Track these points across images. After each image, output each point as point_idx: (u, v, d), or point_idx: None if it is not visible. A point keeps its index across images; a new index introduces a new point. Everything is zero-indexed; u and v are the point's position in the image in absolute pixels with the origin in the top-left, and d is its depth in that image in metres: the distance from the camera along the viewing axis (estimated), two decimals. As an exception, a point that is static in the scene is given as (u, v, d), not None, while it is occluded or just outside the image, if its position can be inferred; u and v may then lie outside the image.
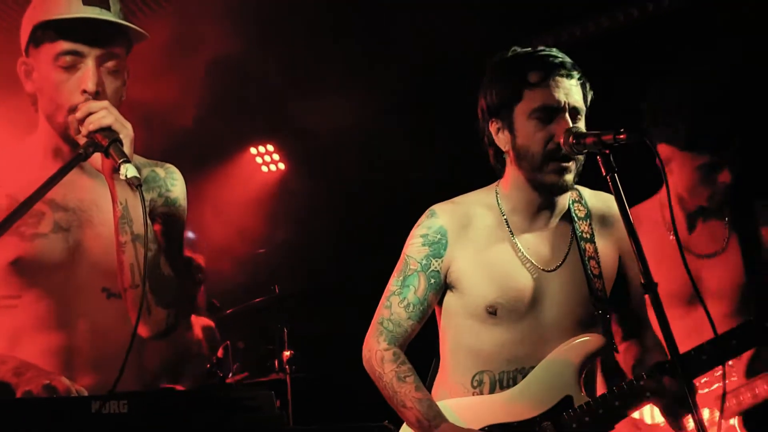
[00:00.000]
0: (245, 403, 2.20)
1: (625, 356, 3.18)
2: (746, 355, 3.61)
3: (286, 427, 2.21)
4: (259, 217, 7.76)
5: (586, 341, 3.02)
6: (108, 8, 2.67)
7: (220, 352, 6.00)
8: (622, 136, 2.67)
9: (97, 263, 2.72)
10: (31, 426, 1.94)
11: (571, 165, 2.95)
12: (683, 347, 2.89)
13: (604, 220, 3.15)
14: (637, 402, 2.93)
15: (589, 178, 3.00)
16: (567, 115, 2.95)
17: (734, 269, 3.78)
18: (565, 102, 2.96)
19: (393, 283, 3.13)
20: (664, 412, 2.93)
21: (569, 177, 2.97)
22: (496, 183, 3.18)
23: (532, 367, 3.02)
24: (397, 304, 3.09)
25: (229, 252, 7.36)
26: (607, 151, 2.70)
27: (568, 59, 3.04)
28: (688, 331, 3.39)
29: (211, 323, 6.55)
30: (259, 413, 2.19)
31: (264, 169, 8.47)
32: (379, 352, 3.06)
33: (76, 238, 2.73)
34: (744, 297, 3.76)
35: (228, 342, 6.12)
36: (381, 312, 3.12)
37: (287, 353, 5.94)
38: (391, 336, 3.07)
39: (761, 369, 3.64)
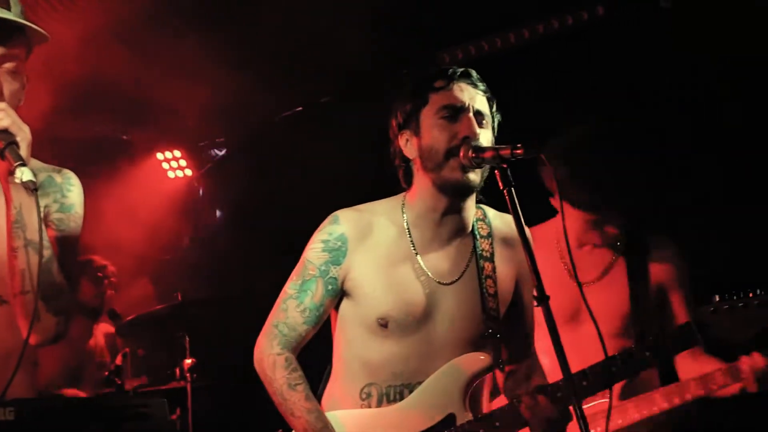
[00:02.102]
0: (137, 411, 2.19)
1: (507, 380, 3.21)
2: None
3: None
4: (164, 224, 7.68)
5: (474, 359, 3.05)
6: (8, 8, 2.64)
7: (119, 359, 5.92)
8: (519, 151, 2.75)
9: None
10: None
11: (473, 164, 2.96)
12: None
13: (506, 242, 3.18)
14: (517, 423, 2.96)
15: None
16: (471, 115, 3.01)
17: (617, 294, 3.89)
18: (469, 104, 3.02)
19: (290, 287, 3.12)
20: None
21: (473, 176, 2.99)
22: (403, 194, 3.20)
23: (419, 383, 3.04)
24: (294, 308, 3.08)
25: (133, 259, 7.27)
26: (505, 166, 2.76)
27: (474, 72, 3.12)
28: (570, 347, 3.46)
29: (112, 329, 6.47)
30: (151, 421, 2.18)
31: (171, 174, 8.37)
32: (271, 356, 3.05)
33: None
34: (625, 322, 3.87)
35: (127, 349, 6.04)
36: (276, 315, 3.11)
37: (188, 361, 5.87)
38: (285, 340, 3.06)
39: (634, 391, 3.74)
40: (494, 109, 3.14)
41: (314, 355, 3.22)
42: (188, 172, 8.37)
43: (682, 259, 3.95)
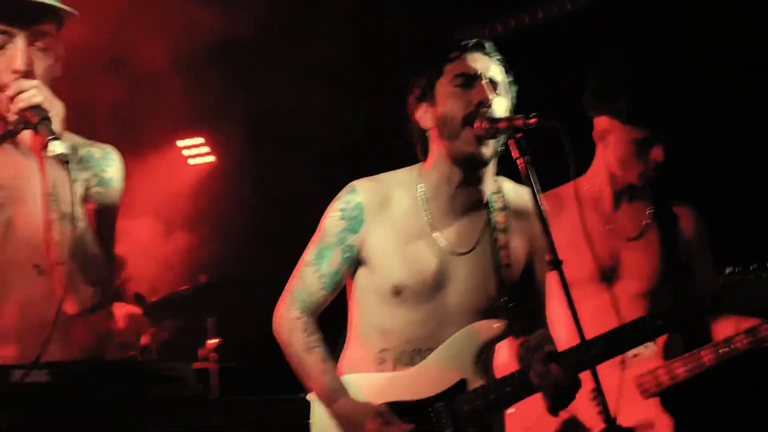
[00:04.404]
0: (165, 373, 2.27)
1: (519, 350, 3.26)
2: (663, 337, 3.75)
3: (203, 397, 2.27)
4: (188, 209, 7.76)
5: (487, 327, 3.12)
6: None
7: (145, 340, 6.01)
8: (532, 121, 2.83)
9: (28, 240, 2.76)
10: None
11: (487, 134, 3.02)
12: (595, 323, 3.04)
13: (522, 215, 3.23)
14: (527, 389, 3.02)
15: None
16: (486, 83, 3.07)
17: (653, 254, 3.96)
18: (483, 72, 3.09)
19: (309, 254, 3.21)
20: (548, 402, 3.01)
21: (486, 150, 3.06)
22: (420, 164, 3.27)
23: (431, 349, 3.11)
24: (311, 274, 3.18)
25: (157, 244, 7.36)
26: (519, 135, 2.83)
27: (488, 43, 3.19)
28: (601, 309, 3.52)
29: (137, 310, 6.53)
30: (179, 383, 2.26)
31: (191, 162, 8.46)
32: (289, 321, 3.15)
33: (8, 215, 2.77)
34: (659, 281, 3.94)
35: (154, 329, 6.13)
36: (295, 281, 3.21)
37: (213, 341, 5.96)
38: (303, 305, 3.16)
39: (678, 352, 3.81)
40: (509, 75, 3.20)
41: (331, 322, 3.30)
42: (210, 158, 8.48)
43: (705, 226, 4.03)
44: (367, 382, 3.13)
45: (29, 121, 2.58)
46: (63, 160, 2.55)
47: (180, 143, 8.37)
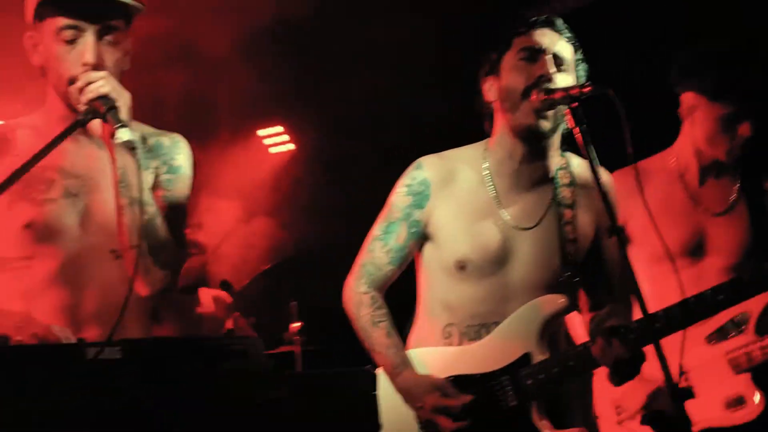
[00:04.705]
0: (235, 348, 2.33)
1: (589, 325, 3.26)
2: (756, 312, 3.71)
3: (271, 371, 2.33)
4: (270, 195, 7.88)
5: (552, 301, 3.12)
6: None
7: (229, 324, 6.13)
8: (586, 89, 2.81)
9: (104, 226, 2.86)
10: (28, 371, 2.02)
11: (548, 107, 3.02)
12: (680, 299, 3.02)
13: (588, 190, 3.23)
14: (590, 363, 3.03)
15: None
16: (550, 58, 3.07)
17: (740, 229, 3.91)
18: (549, 47, 3.09)
19: (377, 229, 3.27)
20: (611, 375, 3.02)
21: (545, 122, 3.05)
22: (485, 140, 3.28)
23: (496, 323, 3.12)
24: (380, 249, 3.23)
25: (241, 229, 7.49)
26: (575, 105, 2.83)
27: (558, 20, 3.19)
28: (686, 284, 3.48)
29: (223, 294, 6.66)
30: (249, 358, 2.31)
31: (273, 150, 8.60)
32: (357, 294, 3.23)
33: (85, 203, 2.88)
34: (745, 256, 3.89)
35: (237, 313, 6.26)
36: (364, 255, 3.27)
37: (296, 325, 6.05)
38: (371, 279, 3.23)
39: None
40: (578, 53, 3.20)
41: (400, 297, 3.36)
42: (290, 146, 8.60)
43: None
44: (433, 356, 3.17)
45: (97, 110, 2.67)
46: (130, 147, 2.65)
47: (260, 132, 8.51)
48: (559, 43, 3.13)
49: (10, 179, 2.37)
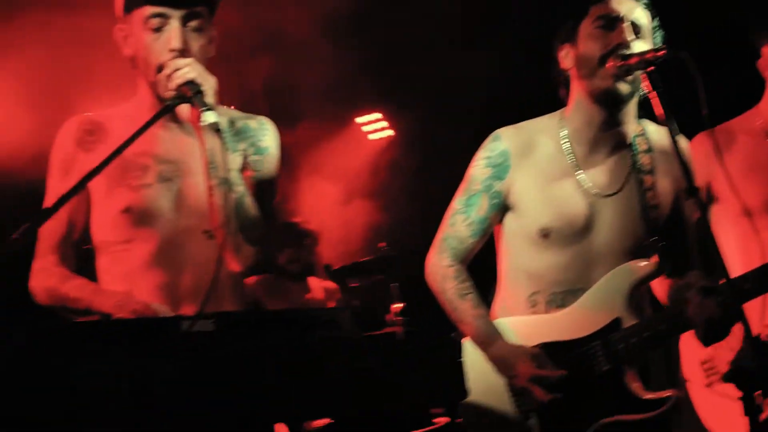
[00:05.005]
0: (325, 320, 2.40)
1: (669, 291, 3.27)
2: None
3: (358, 338, 2.39)
4: (369, 181, 7.98)
5: (638, 266, 3.12)
6: None
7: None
8: (661, 53, 2.82)
9: (197, 208, 2.98)
10: (126, 343, 2.11)
11: (626, 71, 3.03)
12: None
13: (667, 156, 3.22)
14: (682, 325, 3.03)
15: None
16: (628, 25, 3.07)
17: None
18: (626, 15, 3.09)
19: (457, 202, 3.29)
20: (702, 335, 3.04)
21: (623, 86, 3.06)
22: (561, 110, 3.30)
23: (582, 290, 3.14)
24: (461, 222, 3.26)
25: (342, 214, 7.60)
26: (651, 69, 2.82)
27: None
28: None
29: (333, 285, 6.74)
30: (339, 329, 2.38)
31: (372, 137, 8.69)
32: (442, 269, 3.25)
33: (178, 186, 2.99)
34: None
35: (339, 295, 6.33)
36: (445, 230, 3.30)
37: (398, 306, 6.08)
38: (454, 252, 3.25)
39: None
40: (656, 24, 3.19)
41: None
42: (389, 132, 8.69)
43: None
44: (521, 325, 3.19)
45: (184, 95, 2.78)
46: (216, 129, 2.75)
47: (359, 120, 8.61)
48: (636, 11, 3.12)
49: (103, 163, 2.49)
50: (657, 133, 3.25)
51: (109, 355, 2.07)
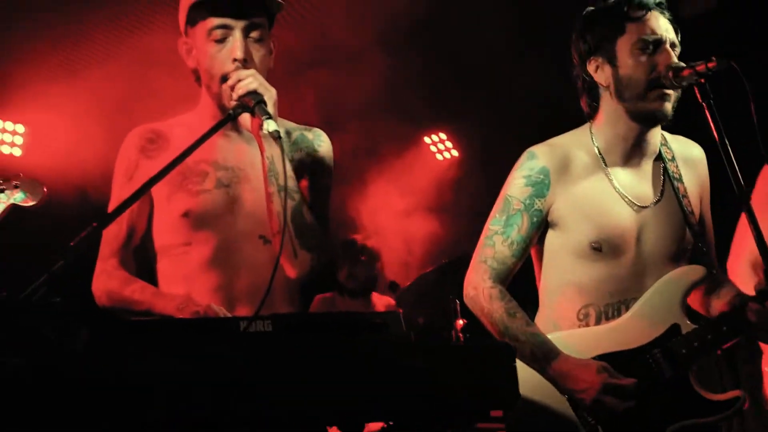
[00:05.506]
0: (375, 322, 2.43)
1: (698, 292, 3.32)
2: None
3: (408, 341, 2.42)
4: (434, 198, 8.03)
5: (689, 271, 3.17)
6: None
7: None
8: (712, 64, 2.87)
9: (253, 214, 3.07)
10: (187, 342, 2.18)
11: (672, 94, 3.11)
12: None
13: (688, 163, 3.32)
14: (743, 327, 3.04)
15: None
16: (668, 47, 3.12)
17: None
18: (665, 35, 3.13)
19: (494, 223, 3.26)
20: (764, 337, 3.06)
21: (669, 106, 3.13)
22: (587, 123, 3.33)
23: (634, 299, 3.15)
24: (501, 242, 3.21)
25: (405, 235, 7.64)
26: (702, 80, 2.87)
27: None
28: None
29: (392, 301, 6.79)
30: (388, 330, 2.42)
31: (439, 157, 8.75)
32: (486, 290, 3.19)
33: (236, 192, 3.09)
34: None
35: (400, 310, 6.36)
36: (483, 251, 3.24)
37: (461, 322, 6.11)
38: (495, 273, 3.19)
39: None
40: (677, 31, 3.23)
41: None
42: (454, 152, 8.74)
43: None
44: (576, 338, 3.17)
45: (247, 105, 2.87)
46: (276, 137, 2.82)
47: (426, 139, 8.69)
48: (669, 29, 3.17)
49: (166, 169, 2.56)
50: (675, 142, 3.35)
51: (172, 353, 2.13)
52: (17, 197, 3.91)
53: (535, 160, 3.26)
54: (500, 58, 7.01)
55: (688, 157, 3.33)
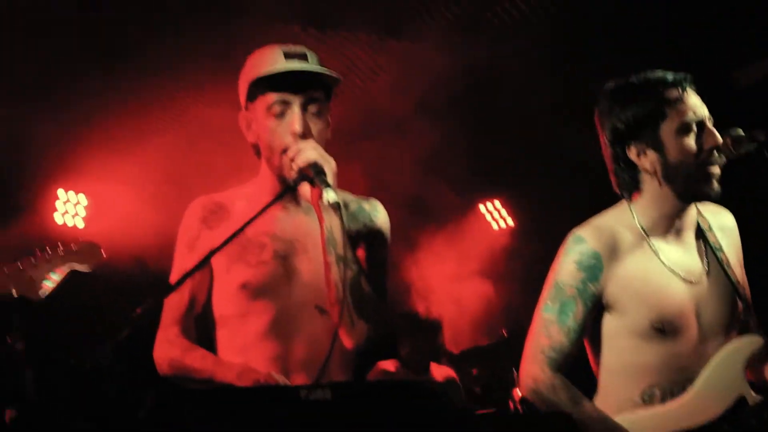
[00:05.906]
0: (433, 389, 2.45)
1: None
2: None
3: (468, 410, 2.43)
4: (489, 269, 8.04)
5: (748, 342, 3.14)
6: (306, 60, 3.09)
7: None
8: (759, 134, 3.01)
9: (310, 284, 3.10)
10: (249, 410, 2.21)
11: (718, 172, 3.13)
12: None
13: (722, 230, 3.31)
14: None
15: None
16: (710, 125, 3.15)
17: None
18: (703, 113, 3.16)
19: (547, 310, 3.19)
20: None
21: (717, 185, 3.15)
22: (625, 202, 3.31)
23: (697, 373, 3.12)
24: (557, 332, 3.15)
25: (461, 303, 7.66)
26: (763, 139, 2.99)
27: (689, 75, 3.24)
28: None
29: (452, 372, 6.73)
30: (447, 398, 2.43)
31: (494, 226, 8.78)
32: (547, 381, 3.13)
33: (293, 263, 3.12)
34: None
35: (455, 376, 6.35)
36: (539, 340, 3.18)
37: (519, 393, 6.08)
38: (555, 363, 3.14)
39: None
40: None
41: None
42: (510, 221, 8.77)
43: None
44: (644, 420, 3.12)
45: (307, 175, 2.93)
46: (336, 207, 2.88)
47: (482, 208, 8.73)
48: (701, 103, 3.19)
49: (226, 241, 2.62)
50: (707, 210, 3.33)
51: (234, 421, 2.17)
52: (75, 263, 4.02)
53: (584, 243, 3.20)
54: (553, 126, 7.06)
55: (723, 225, 3.33)
